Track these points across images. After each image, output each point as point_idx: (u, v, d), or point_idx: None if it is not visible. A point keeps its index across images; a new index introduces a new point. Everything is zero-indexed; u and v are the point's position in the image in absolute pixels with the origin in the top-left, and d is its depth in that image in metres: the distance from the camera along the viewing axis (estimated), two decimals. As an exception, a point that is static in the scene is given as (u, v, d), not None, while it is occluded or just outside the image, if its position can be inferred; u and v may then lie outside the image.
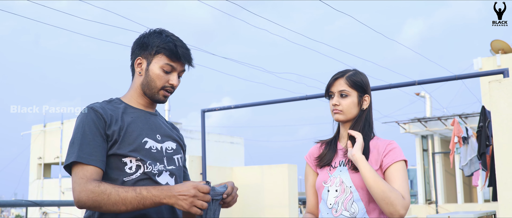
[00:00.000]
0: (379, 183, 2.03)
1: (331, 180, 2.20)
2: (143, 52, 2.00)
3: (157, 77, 1.97)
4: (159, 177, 1.94)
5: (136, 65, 2.03)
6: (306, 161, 2.37)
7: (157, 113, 2.11)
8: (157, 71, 1.97)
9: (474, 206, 15.31)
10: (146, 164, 1.91)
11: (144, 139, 1.94)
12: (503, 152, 3.46)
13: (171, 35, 2.02)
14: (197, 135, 24.37)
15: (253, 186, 9.43)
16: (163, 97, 2.01)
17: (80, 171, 1.82)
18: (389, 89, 6.38)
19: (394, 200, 2.01)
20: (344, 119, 2.24)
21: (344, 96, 2.22)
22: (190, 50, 2.03)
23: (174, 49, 1.96)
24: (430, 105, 19.28)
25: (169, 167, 1.99)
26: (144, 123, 1.99)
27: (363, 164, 2.09)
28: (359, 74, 2.28)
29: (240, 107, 7.86)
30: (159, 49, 1.97)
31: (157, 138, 1.99)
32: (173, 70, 1.99)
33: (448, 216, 8.88)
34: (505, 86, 3.51)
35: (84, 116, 1.90)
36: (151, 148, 1.95)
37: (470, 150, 7.42)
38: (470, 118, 15.46)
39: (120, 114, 1.95)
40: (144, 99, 2.03)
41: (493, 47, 15.76)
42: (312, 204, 2.32)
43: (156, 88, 1.99)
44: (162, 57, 1.97)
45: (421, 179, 17.67)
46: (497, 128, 3.51)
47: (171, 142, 2.05)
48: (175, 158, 2.04)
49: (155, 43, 1.98)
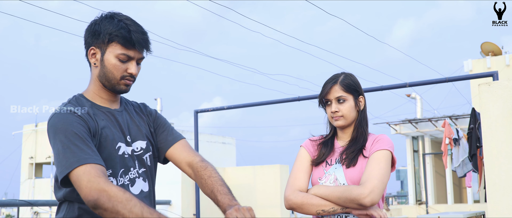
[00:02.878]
0: (335, 194, 2.11)
1: (326, 176, 2.24)
2: (96, 41, 1.83)
3: (113, 68, 1.82)
4: (133, 186, 1.84)
5: (90, 55, 1.86)
6: (304, 148, 2.36)
7: (122, 108, 1.95)
8: (113, 61, 1.81)
9: (464, 207, 15.44)
10: (117, 177, 1.80)
11: (117, 145, 1.82)
12: (492, 154, 3.53)
13: (124, 19, 1.83)
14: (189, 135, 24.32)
15: (245, 186, 9.47)
16: (124, 86, 1.86)
17: (90, 170, 1.61)
18: (380, 91, 6.43)
19: (351, 196, 2.06)
20: (346, 124, 2.28)
21: (341, 101, 2.26)
22: (146, 34, 1.86)
23: (127, 36, 1.79)
24: (420, 107, 19.40)
25: (141, 171, 1.90)
26: (116, 125, 1.86)
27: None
28: (350, 77, 2.33)
29: (234, 108, 7.89)
30: (112, 37, 1.79)
31: (128, 140, 1.88)
32: (130, 58, 1.83)
33: (438, 216, 8.96)
34: (495, 89, 3.58)
35: (65, 118, 1.72)
36: (123, 154, 1.83)
37: (462, 152, 7.51)
38: (460, 120, 15.58)
39: (93, 118, 1.80)
40: (106, 92, 1.88)
41: (483, 50, 15.90)
42: (304, 183, 2.25)
43: (114, 79, 1.83)
44: (116, 46, 1.80)
45: (412, 180, 17.78)
46: (487, 130, 3.58)
47: (140, 141, 1.92)
48: (145, 157, 1.93)
49: (107, 30, 1.80)
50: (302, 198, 2.17)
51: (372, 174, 2.09)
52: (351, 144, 2.27)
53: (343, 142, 2.32)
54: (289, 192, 2.22)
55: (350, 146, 2.26)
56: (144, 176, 1.91)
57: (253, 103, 7.79)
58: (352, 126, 2.31)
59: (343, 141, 2.33)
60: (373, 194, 2.04)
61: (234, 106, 7.91)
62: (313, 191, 2.19)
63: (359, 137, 2.27)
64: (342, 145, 2.32)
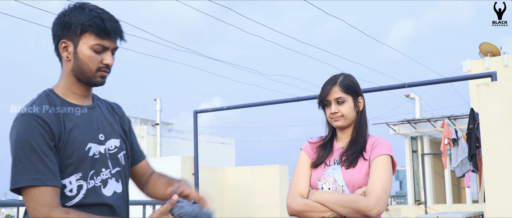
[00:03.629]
0: (340, 203, 2.12)
1: (325, 178, 2.25)
2: (67, 33, 1.74)
3: (89, 59, 1.74)
4: (105, 188, 1.77)
5: (61, 49, 1.76)
6: (304, 151, 2.37)
7: (95, 104, 1.86)
8: (87, 53, 1.73)
9: (462, 207, 15.46)
10: (87, 180, 1.72)
11: (88, 146, 1.74)
12: (491, 154, 3.54)
13: (94, 8, 1.76)
14: (188, 135, 24.34)
15: (245, 186, 9.48)
16: (100, 78, 1.78)
17: (38, 196, 1.58)
18: (379, 91, 6.44)
19: (357, 207, 2.07)
20: (345, 124, 2.28)
21: (341, 102, 2.27)
22: (119, 23, 1.79)
23: (101, 24, 1.71)
24: (419, 107, 19.43)
25: (115, 170, 1.82)
26: (86, 124, 1.77)
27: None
28: (349, 78, 2.33)
29: (233, 108, 7.91)
30: (85, 27, 1.71)
31: (100, 138, 1.79)
32: (105, 49, 1.76)
33: (437, 216, 8.98)
34: (493, 90, 3.59)
35: (26, 125, 1.64)
36: (94, 155, 1.75)
37: (460, 152, 7.52)
38: (458, 120, 15.61)
39: (61, 118, 1.72)
40: (80, 87, 1.80)
41: (481, 50, 15.94)
42: (305, 188, 2.27)
43: (90, 71, 1.75)
44: (90, 36, 1.72)
45: (411, 180, 17.80)
46: (485, 130, 3.59)
47: (114, 139, 1.85)
48: (119, 157, 1.86)
49: (79, 21, 1.71)
50: (303, 205, 2.19)
51: (376, 184, 2.11)
52: (351, 145, 2.28)
53: (342, 143, 2.33)
54: (291, 199, 2.23)
55: (350, 148, 2.27)
56: (118, 177, 1.83)
57: (253, 104, 7.81)
58: (351, 127, 2.32)
59: (342, 142, 2.33)
60: (379, 205, 2.06)
61: (233, 106, 7.93)
62: (316, 197, 2.19)
63: (359, 138, 2.28)
64: (341, 146, 2.32)
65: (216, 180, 9.47)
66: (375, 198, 2.07)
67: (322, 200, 2.16)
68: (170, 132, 23.76)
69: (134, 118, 25.10)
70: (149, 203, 8.05)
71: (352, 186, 2.19)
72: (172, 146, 23.10)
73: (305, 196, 2.24)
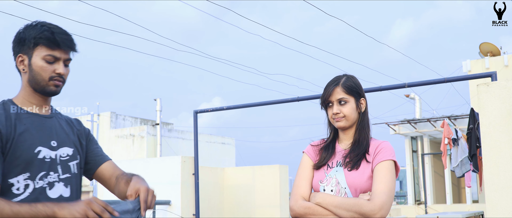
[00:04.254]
0: (343, 206, 2.12)
1: (327, 180, 2.25)
2: (22, 48, 1.90)
3: (41, 69, 1.87)
4: (51, 189, 1.87)
5: (18, 63, 1.92)
6: (306, 154, 2.38)
7: (53, 115, 2.00)
8: (40, 63, 1.87)
9: (462, 207, 15.47)
10: (35, 180, 1.83)
11: (37, 149, 1.85)
12: (491, 154, 3.54)
13: (47, 24, 1.91)
14: (188, 135, 24.35)
15: (245, 186, 9.49)
16: (54, 87, 1.90)
17: None
18: (379, 91, 6.44)
19: (361, 211, 2.08)
20: (347, 125, 2.29)
21: (343, 103, 2.28)
22: (70, 36, 1.93)
23: (51, 37, 1.86)
24: (419, 107, 19.44)
25: (63, 176, 1.91)
26: (39, 130, 1.89)
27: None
28: (352, 79, 2.34)
29: (233, 108, 7.91)
30: (37, 40, 1.86)
31: (52, 145, 1.91)
32: (57, 59, 1.89)
33: (437, 216, 8.98)
34: (493, 90, 3.59)
35: None
36: (44, 158, 1.86)
37: (460, 152, 7.52)
38: (459, 120, 15.62)
39: (13, 122, 1.85)
40: (36, 97, 1.93)
41: (481, 50, 15.95)
42: (307, 191, 2.28)
43: (43, 80, 1.88)
44: (42, 48, 1.87)
45: (411, 180, 17.82)
46: (485, 130, 3.59)
47: (67, 148, 1.96)
48: (71, 165, 1.96)
49: (31, 35, 1.87)
50: (305, 208, 2.20)
51: (380, 189, 2.11)
52: (354, 147, 2.28)
53: (344, 145, 2.33)
54: (293, 202, 2.25)
55: (353, 150, 2.27)
56: (67, 182, 1.92)
57: (253, 104, 7.81)
58: (353, 128, 2.32)
59: (344, 144, 2.33)
60: (383, 210, 2.08)
61: (233, 106, 7.93)
62: (317, 199, 2.20)
63: (362, 141, 2.28)
64: (343, 148, 2.32)
65: (216, 180, 9.47)
66: (380, 203, 2.08)
67: (324, 203, 2.16)
68: (170, 132, 23.77)
69: (134, 118, 25.10)
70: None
71: (354, 188, 2.19)
72: (172, 146, 23.10)
73: (307, 199, 2.25)
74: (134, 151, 22.30)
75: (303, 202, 2.23)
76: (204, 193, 8.75)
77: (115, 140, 22.90)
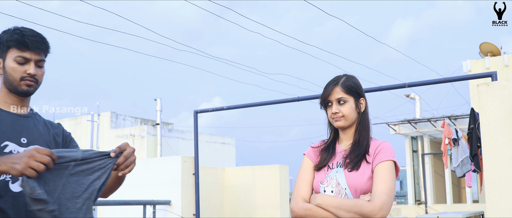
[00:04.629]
0: (343, 207, 2.12)
1: (328, 180, 2.25)
2: None
3: (12, 70, 1.98)
4: (14, 184, 1.92)
5: None
6: (307, 156, 2.38)
7: (30, 115, 2.09)
8: (11, 65, 1.98)
9: (463, 207, 15.47)
10: None
11: (3, 143, 1.93)
12: (491, 154, 3.54)
13: (20, 28, 2.02)
14: (188, 135, 24.36)
15: (245, 186, 9.48)
16: (26, 87, 2.00)
17: None
18: (379, 91, 6.44)
19: (362, 212, 2.08)
20: (346, 125, 2.29)
21: (342, 103, 2.28)
22: (42, 37, 2.03)
23: (21, 39, 1.97)
24: (419, 107, 19.45)
25: None
26: (9, 126, 1.98)
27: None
28: (352, 79, 2.34)
29: (233, 108, 7.91)
30: (8, 43, 1.98)
31: (22, 141, 1.98)
32: (27, 60, 1.99)
33: (437, 216, 8.98)
34: (493, 90, 3.59)
35: None
36: (11, 152, 1.92)
37: (461, 152, 7.52)
38: (459, 120, 15.62)
39: None
40: (12, 97, 2.04)
41: (482, 50, 15.95)
42: (307, 192, 2.29)
43: (15, 80, 1.99)
44: (13, 50, 1.98)
45: (411, 180, 17.82)
46: (485, 130, 3.59)
47: (38, 146, 1.94)
48: None
49: (4, 39, 2.00)
50: (305, 210, 2.21)
51: (380, 189, 2.12)
52: (354, 148, 2.28)
53: (345, 145, 2.33)
54: (294, 203, 2.27)
55: (353, 150, 2.27)
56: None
57: (253, 104, 7.80)
58: (353, 128, 2.32)
59: (345, 145, 2.33)
60: (383, 211, 2.08)
61: (233, 106, 7.93)
62: (317, 201, 2.20)
63: (362, 141, 2.28)
64: (343, 148, 2.32)
65: (216, 180, 9.47)
66: (380, 203, 2.08)
67: (324, 204, 2.17)
68: (170, 132, 23.77)
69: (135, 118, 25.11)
70: (149, 203, 8.07)
71: (355, 189, 2.19)
72: (172, 146, 23.11)
73: (308, 200, 2.26)
74: (134, 151, 22.26)
75: (303, 203, 2.23)
76: (204, 193, 8.75)
77: (115, 140, 22.92)
